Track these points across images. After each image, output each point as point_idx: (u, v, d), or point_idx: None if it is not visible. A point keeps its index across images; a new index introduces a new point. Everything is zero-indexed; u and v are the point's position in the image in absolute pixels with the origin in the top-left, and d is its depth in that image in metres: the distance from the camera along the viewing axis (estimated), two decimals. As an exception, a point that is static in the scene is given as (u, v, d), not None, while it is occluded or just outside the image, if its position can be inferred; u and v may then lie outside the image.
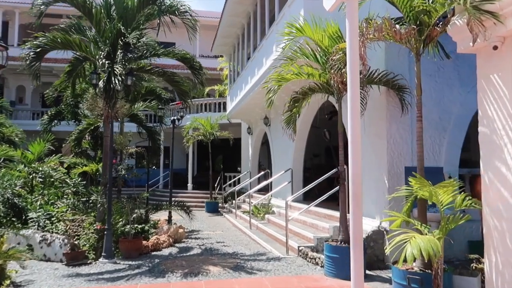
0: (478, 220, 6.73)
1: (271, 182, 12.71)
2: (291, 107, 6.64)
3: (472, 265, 4.78)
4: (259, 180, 15.13)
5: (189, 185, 18.69)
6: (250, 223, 10.79)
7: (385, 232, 6.47)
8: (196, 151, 21.69)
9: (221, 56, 19.10)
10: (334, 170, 8.12)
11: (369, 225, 6.72)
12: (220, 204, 16.11)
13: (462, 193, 4.02)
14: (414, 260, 3.79)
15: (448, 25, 4.14)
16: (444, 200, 3.92)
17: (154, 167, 16.10)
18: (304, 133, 10.98)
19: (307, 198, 10.99)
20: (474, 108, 7.12)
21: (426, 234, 4.03)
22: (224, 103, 18.25)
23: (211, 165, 16.12)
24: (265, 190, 13.49)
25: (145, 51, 8.72)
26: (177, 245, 9.08)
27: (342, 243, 5.94)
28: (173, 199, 17.54)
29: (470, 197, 4.06)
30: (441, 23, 4.71)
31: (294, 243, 7.71)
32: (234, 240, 9.69)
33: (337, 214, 8.07)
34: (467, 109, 6.88)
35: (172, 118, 11.25)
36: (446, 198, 3.90)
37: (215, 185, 17.12)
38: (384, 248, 6.39)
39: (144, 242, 8.29)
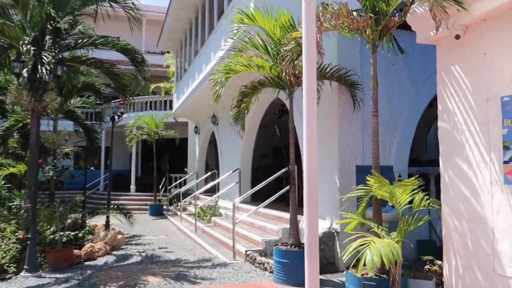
0: (426, 219, 6.66)
1: (218, 183, 12.12)
2: (239, 102, 6.13)
3: (426, 267, 4.54)
4: (206, 181, 14.48)
5: (132, 187, 17.56)
6: (196, 226, 10.14)
7: (336, 234, 6.15)
8: (141, 152, 20.55)
9: (168, 52, 18.20)
10: (284, 170, 7.72)
11: (320, 226, 6.37)
12: (165, 207, 15.23)
13: (420, 192, 3.72)
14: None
15: (408, 14, 3.85)
16: (403, 200, 3.60)
17: (92, 168, 14.86)
18: (252, 132, 10.52)
19: (256, 199, 10.55)
20: (423, 107, 7.10)
21: (384, 236, 3.69)
22: (171, 101, 17.37)
23: (156, 166, 15.19)
24: (212, 191, 12.87)
25: (80, 40, 7.78)
26: (114, 252, 8.21)
27: (293, 247, 5.52)
28: (114, 202, 16.35)
29: (428, 197, 3.78)
30: (397, 14, 4.43)
31: (241, 247, 7.20)
32: (178, 245, 8.98)
33: (286, 215, 7.67)
34: (417, 108, 6.78)
35: (112, 114, 10.28)
36: (405, 198, 3.58)
37: (160, 187, 16.19)
38: (341, 253, 6.07)
39: (76, 251, 7.36)
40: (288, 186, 7.46)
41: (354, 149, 6.30)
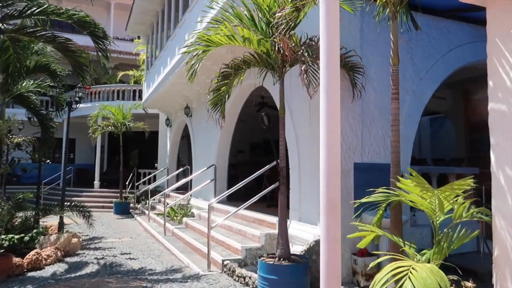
0: (428, 224, 5.81)
1: (191, 180, 10.98)
2: (219, 84, 5.05)
3: (449, 288, 3.63)
4: (178, 178, 13.29)
5: (96, 182, 16.06)
6: (165, 228, 8.96)
7: (330, 242, 5.18)
8: (107, 145, 19.05)
9: (138, 38, 16.77)
10: (271, 165, 6.68)
11: (310, 233, 5.40)
12: (131, 205, 13.90)
13: (460, 198, 2.78)
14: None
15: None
16: (443, 209, 2.65)
17: (49, 161, 13.34)
18: (230, 125, 9.44)
19: (232, 198, 9.51)
20: (427, 98, 6.26)
21: (416, 256, 2.73)
22: (140, 91, 15.97)
23: (122, 160, 13.82)
24: (185, 189, 11.71)
25: (26, 8, 6.44)
26: (68, 259, 6.96)
27: (281, 260, 4.51)
28: (76, 199, 14.91)
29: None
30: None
31: (217, 255, 6.14)
32: (144, 250, 7.80)
33: (268, 218, 6.68)
34: (420, 98, 5.91)
35: (68, 99, 8.89)
36: (446, 205, 2.64)
37: (127, 183, 14.83)
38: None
39: (18, 259, 6.07)
40: (274, 185, 6.48)
41: (352, 144, 5.35)
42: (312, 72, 3.90)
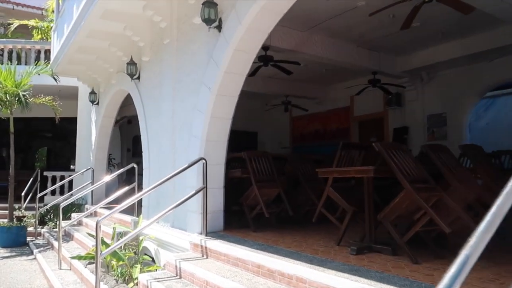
0: None
1: (142, 190, 5.76)
2: None
3: None
4: (106, 188, 7.95)
5: (-30, 194, 9.70)
6: (98, 298, 3.73)
7: None
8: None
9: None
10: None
11: None
12: (31, 229, 8.09)
13: None
14: None
15: None
16: None
17: None
18: (237, 82, 4.57)
19: (233, 221, 4.78)
20: None
21: None
22: (48, 52, 9.95)
23: (14, 156, 7.88)
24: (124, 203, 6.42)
25: None
26: None
27: None
28: None
29: None
30: None
31: None
32: None
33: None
34: None
35: None
36: None
37: (24, 194, 8.88)
38: None
39: None
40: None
41: None
42: None
